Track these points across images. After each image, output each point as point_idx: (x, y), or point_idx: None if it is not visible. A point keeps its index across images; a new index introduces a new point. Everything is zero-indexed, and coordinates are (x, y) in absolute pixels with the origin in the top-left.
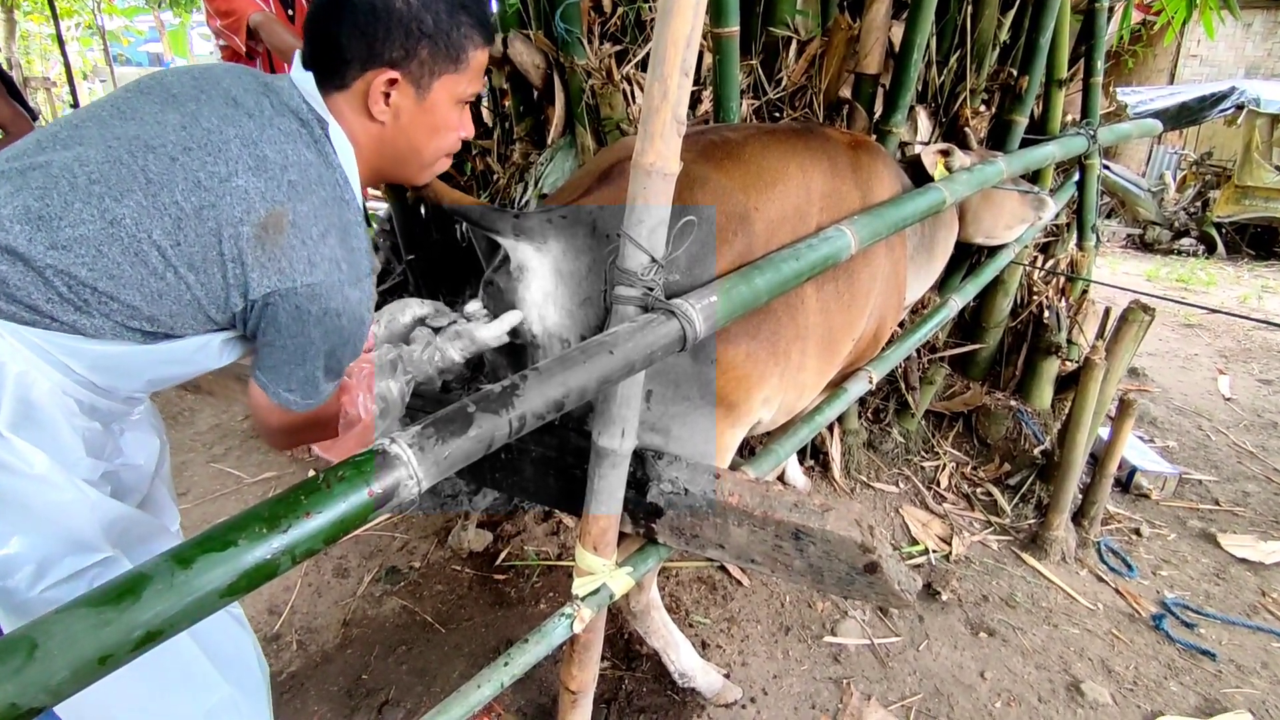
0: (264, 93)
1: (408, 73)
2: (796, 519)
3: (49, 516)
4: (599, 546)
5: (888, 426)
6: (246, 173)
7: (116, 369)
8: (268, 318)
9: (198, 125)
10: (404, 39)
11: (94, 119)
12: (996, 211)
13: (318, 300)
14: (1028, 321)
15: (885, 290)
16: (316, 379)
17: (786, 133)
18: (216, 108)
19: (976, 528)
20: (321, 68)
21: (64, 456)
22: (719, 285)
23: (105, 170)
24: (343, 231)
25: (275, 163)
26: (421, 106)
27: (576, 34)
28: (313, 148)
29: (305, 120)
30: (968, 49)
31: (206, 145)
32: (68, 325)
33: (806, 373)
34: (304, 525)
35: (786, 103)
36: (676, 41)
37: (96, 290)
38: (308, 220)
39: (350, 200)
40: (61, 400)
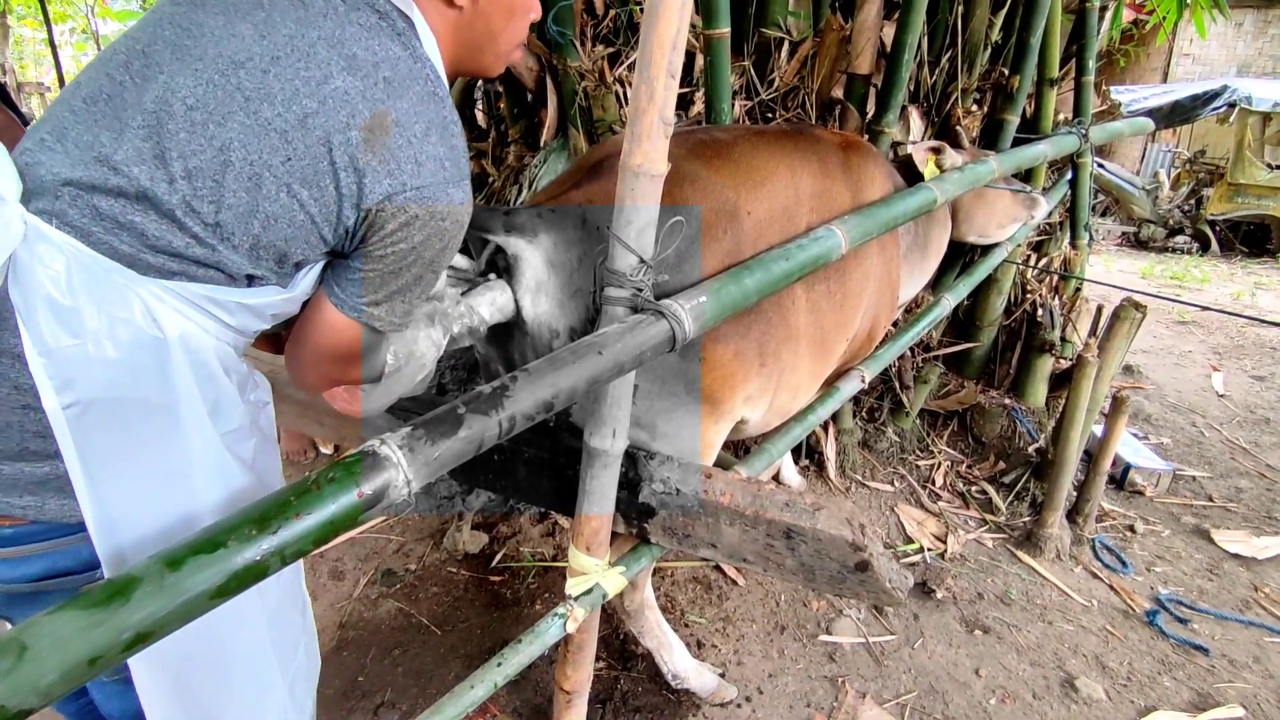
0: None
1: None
2: (788, 518)
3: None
4: (592, 546)
5: (883, 425)
6: (341, 73)
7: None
8: (376, 226)
9: (276, 32)
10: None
11: (163, 42)
12: (989, 210)
13: (425, 202)
14: (1021, 319)
15: (878, 289)
16: (409, 294)
17: (776, 133)
18: (287, 11)
19: (971, 526)
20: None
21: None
22: (708, 286)
23: (201, 95)
24: (442, 128)
25: (366, 60)
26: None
27: (569, 36)
28: (397, 41)
29: (384, 12)
30: (959, 49)
31: (293, 51)
32: (211, 268)
33: (799, 374)
34: (293, 526)
35: (779, 103)
36: (662, 44)
37: (220, 226)
38: (409, 118)
39: (443, 96)
40: (223, 352)
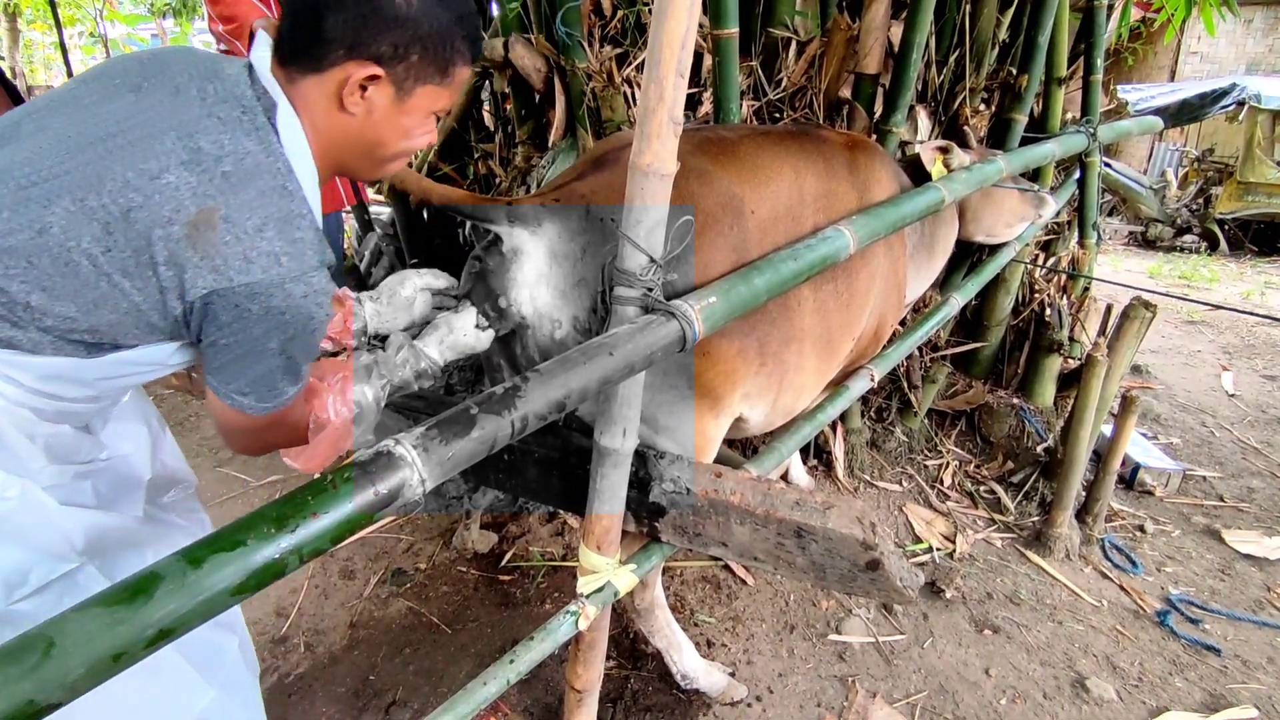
0: (210, 78)
1: (392, 72)
2: (798, 517)
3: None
4: (602, 545)
5: (891, 425)
6: (179, 167)
7: (64, 379)
8: (209, 318)
9: (137, 117)
10: (396, 38)
11: (35, 112)
12: (997, 210)
13: (258, 299)
14: (1030, 319)
15: (885, 289)
16: (272, 380)
17: (782, 134)
18: (159, 97)
19: (980, 525)
20: (296, 47)
21: (19, 467)
22: (718, 286)
23: (37, 172)
24: (283, 223)
25: (210, 154)
26: (399, 108)
27: (577, 37)
28: (253, 135)
29: (248, 107)
30: (967, 48)
31: (141, 140)
32: (3, 341)
33: (805, 374)
34: (311, 526)
35: (786, 103)
36: (672, 43)
37: (30, 306)
38: (242, 213)
39: (294, 190)
40: (14, 412)
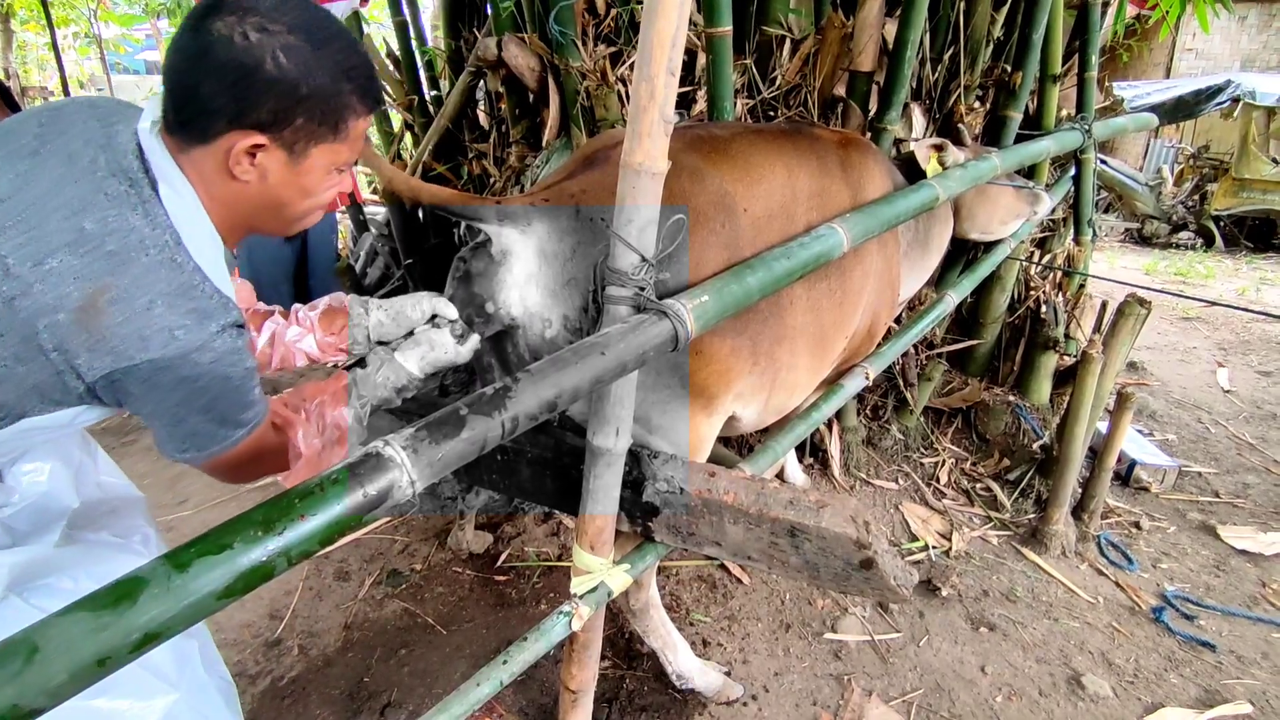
0: (103, 146)
1: (279, 138)
2: (792, 516)
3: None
4: (596, 545)
5: (886, 423)
6: (62, 250)
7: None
8: (121, 392)
9: (25, 192)
10: (275, 104)
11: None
12: (992, 207)
13: (164, 372)
14: (1025, 316)
15: (878, 287)
16: (209, 434)
17: (774, 132)
18: (51, 168)
19: (976, 523)
20: (180, 119)
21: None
22: (711, 285)
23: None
24: (174, 296)
25: (95, 234)
26: (295, 170)
27: (571, 36)
28: (139, 209)
29: (135, 180)
30: (961, 45)
31: (26, 220)
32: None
33: (798, 372)
34: (299, 528)
35: (781, 101)
36: (662, 41)
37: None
38: (130, 293)
39: (184, 262)
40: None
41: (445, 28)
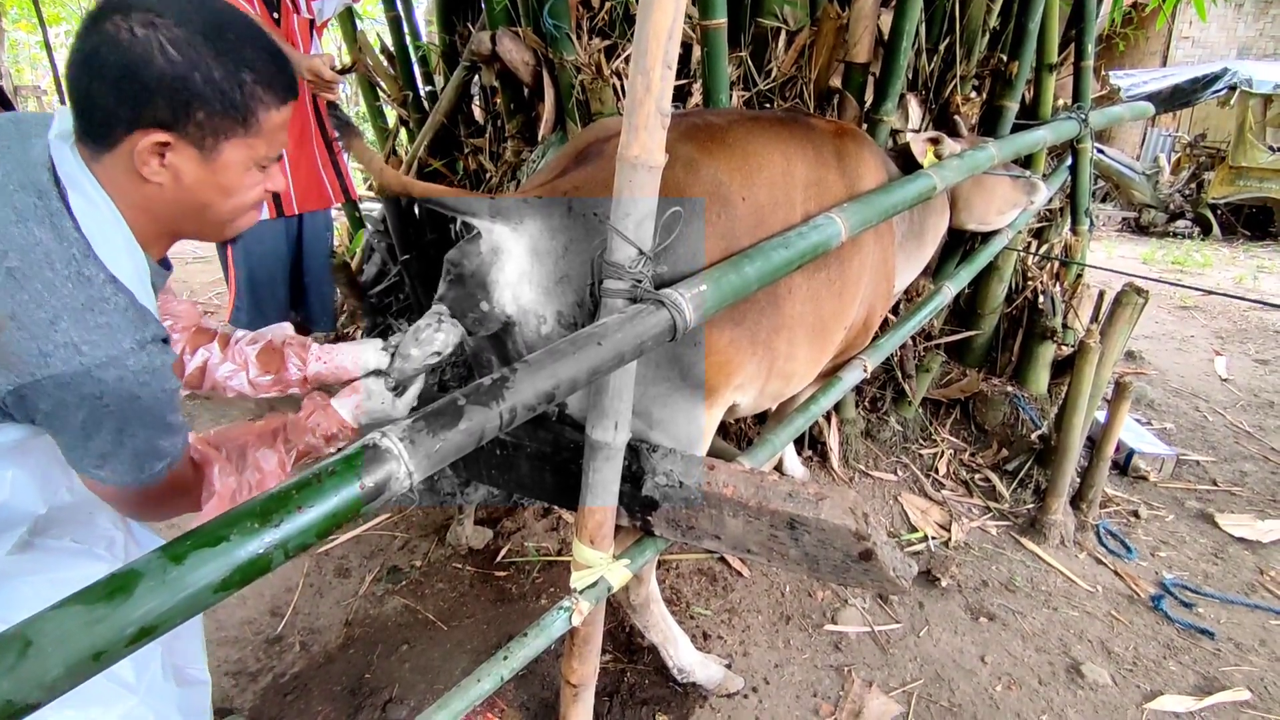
0: (18, 162)
1: (184, 134)
2: (790, 508)
3: None
4: (596, 540)
5: (885, 415)
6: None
7: None
8: (29, 408)
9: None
10: (169, 100)
11: None
12: (988, 197)
13: (68, 389)
14: (1023, 307)
15: (874, 278)
16: (122, 458)
17: (771, 120)
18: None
19: (975, 514)
20: (84, 126)
21: None
22: (708, 274)
23: None
24: (79, 312)
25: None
26: (209, 169)
27: (565, 29)
28: (46, 222)
29: (44, 191)
30: (957, 36)
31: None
32: None
33: (796, 361)
34: (296, 520)
35: (777, 93)
36: (658, 34)
37: None
38: (30, 309)
39: (93, 275)
40: None
41: (439, 22)
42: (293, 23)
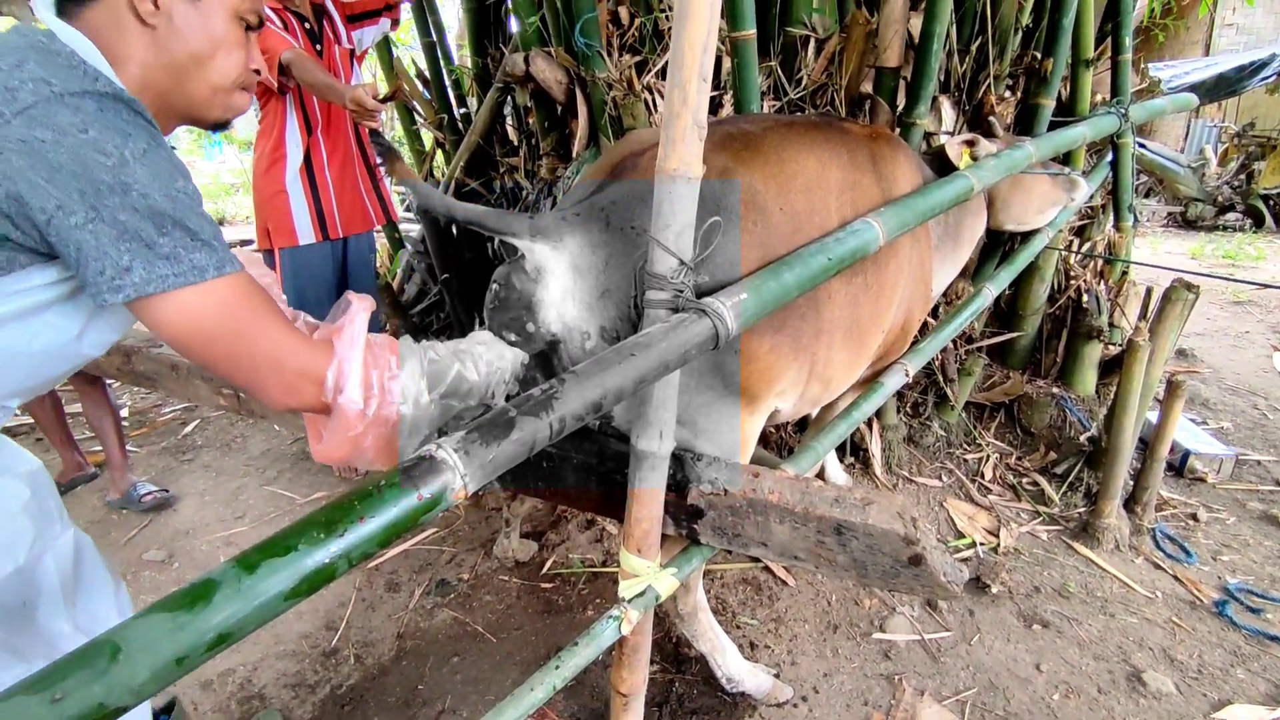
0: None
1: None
2: (838, 514)
3: None
4: (643, 549)
5: (927, 420)
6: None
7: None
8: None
9: None
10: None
11: None
12: (1026, 196)
13: (39, 124)
14: (1066, 306)
15: (912, 281)
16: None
17: (804, 125)
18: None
19: (1024, 518)
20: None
21: None
22: (748, 283)
23: None
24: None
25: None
26: (197, 9)
27: (596, 47)
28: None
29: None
30: (989, 35)
31: None
32: None
33: (834, 366)
34: (359, 529)
35: (808, 101)
36: (693, 47)
37: None
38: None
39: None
40: None
41: (471, 46)
42: (334, 53)
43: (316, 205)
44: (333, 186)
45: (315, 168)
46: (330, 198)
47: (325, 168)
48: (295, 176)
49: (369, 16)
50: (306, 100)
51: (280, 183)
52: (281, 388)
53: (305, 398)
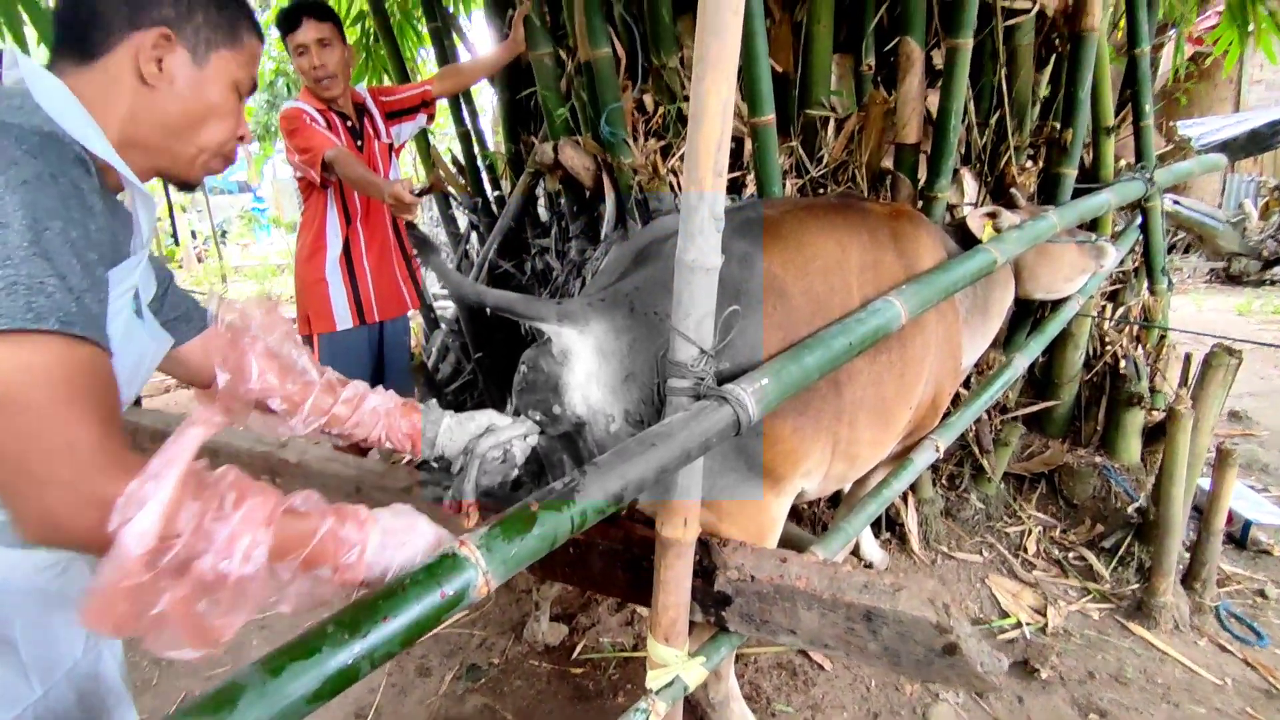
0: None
1: (182, 35)
2: (867, 600)
3: None
4: (670, 637)
5: (965, 493)
6: None
7: None
8: None
9: None
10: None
11: None
12: (1054, 265)
13: None
14: (1104, 372)
15: (940, 356)
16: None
17: (824, 207)
18: None
19: (1073, 596)
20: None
21: None
22: (769, 368)
23: None
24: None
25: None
26: (199, 77)
27: (622, 135)
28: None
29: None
30: (1007, 108)
31: None
32: None
33: (860, 445)
34: (381, 629)
35: (829, 178)
36: (708, 148)
37: None
38: None
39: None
40: None
41: (505, 133)
42: (374, 148)
43: (354, 292)
44: (370, 274)
45: (354, 257)
46: (368, 285)
47: (364, 257)
48: (335, 265)
49: (408, 113)
50: (346, 193)
51: (320, 271)
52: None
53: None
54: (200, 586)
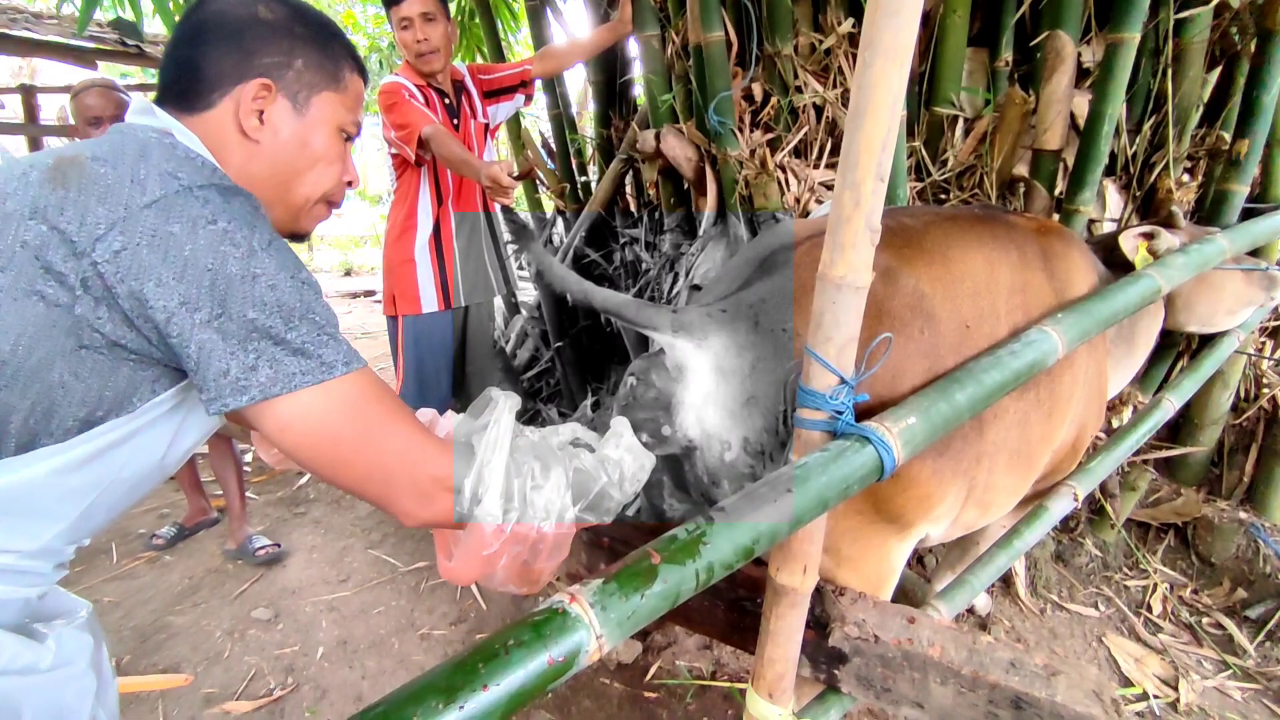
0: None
1: (283, 82)
2: (1016, 684)
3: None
4: (774, 693)
5: (1080, 537)
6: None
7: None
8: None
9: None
10: (274, 47)
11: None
12: (1216, 295)
13: (171, 214)
14: (1257, 418)
15: (1087, 394)
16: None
17: (968, 219)
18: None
19: (1208, 668)
20: (184, 92)
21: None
22: (916, 403)
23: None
24: (164, 147)
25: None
26: (301, 124)
27: (730, 126)
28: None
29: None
30: (1170, 113)
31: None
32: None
33: (996, 491)
34: (479, 699)
35: (953, 183)
36: (871, 146)
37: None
38: (112, 149)
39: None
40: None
41: (597, 117)
42: (470, 128)
43: (441, 274)
44: (459, 256)
45: (443, 237)
46: (454, 267)
47: (454, 238)
48: (424, 246)
49: (505, 93)
50: (440, 172)
51: (409, 251)
52: (416, 496)
53: (440, 509)
54: (527, 544)
